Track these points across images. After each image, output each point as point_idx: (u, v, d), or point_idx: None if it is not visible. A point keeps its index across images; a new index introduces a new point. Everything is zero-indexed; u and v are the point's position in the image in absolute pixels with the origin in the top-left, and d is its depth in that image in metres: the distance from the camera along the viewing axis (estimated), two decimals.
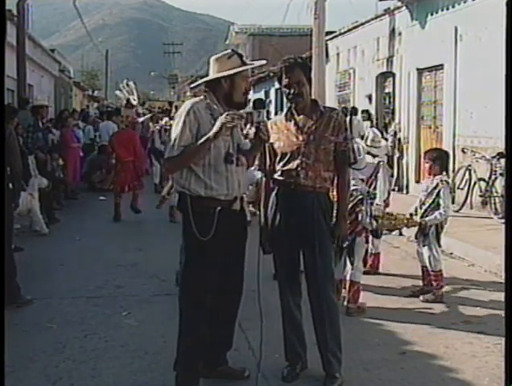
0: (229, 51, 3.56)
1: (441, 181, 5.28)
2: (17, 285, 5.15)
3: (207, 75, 3.59)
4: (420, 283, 5.57)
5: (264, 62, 3.99)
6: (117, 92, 14.38)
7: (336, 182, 3.71)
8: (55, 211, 9.65)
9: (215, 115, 3.38)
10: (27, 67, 15.51)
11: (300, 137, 3.58)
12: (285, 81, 3.59)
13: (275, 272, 3.76)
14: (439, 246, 5.44)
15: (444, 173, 5.39)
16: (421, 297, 5.30)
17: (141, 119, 13.90)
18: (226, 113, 3.28)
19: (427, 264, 5.35)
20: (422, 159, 11.50)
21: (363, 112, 14.03)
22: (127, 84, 13.67)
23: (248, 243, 3.61)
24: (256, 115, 3.46)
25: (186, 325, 3.42)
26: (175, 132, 3.33)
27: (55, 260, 6.91)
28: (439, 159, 5.33)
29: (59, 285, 5.84)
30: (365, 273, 5.99)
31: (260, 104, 10.48)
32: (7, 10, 13.21)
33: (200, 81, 3.59)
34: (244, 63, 3.48)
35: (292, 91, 3.56)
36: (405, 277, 6.08)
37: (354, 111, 13.62)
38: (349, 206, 4.52)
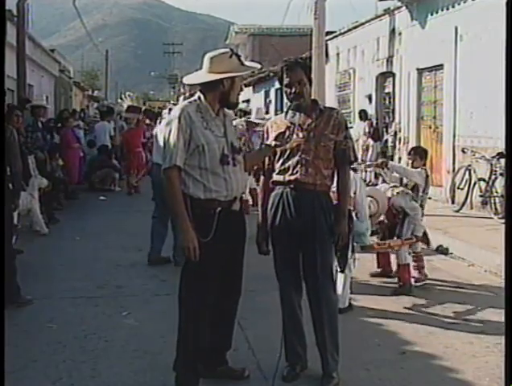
0: (227, 50, 3.52)
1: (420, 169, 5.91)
2: (17, 285, 5.15)
3: None
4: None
5: (259, 66, 3.99)
6: (120, 101, 15.21)
7: (336, 180, 3.70)
8: (55, 211, 9.65)
9: (206, 117, 3.37)
10: (27, 67, 15.50)
11: (300, 134, 3.58)
12: (286, 80, 3.60)
13: (276, 271, 3.75)
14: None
15: (423, 166, 5.99)
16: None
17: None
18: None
19: None
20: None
21: (360, 112, 14.00)
22: (127, 96, 15.69)
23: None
24: (291, 115, 3.50)
25: (186, 325, 3.41)
26: (171, 140, 3.27)
27: (55, 260, 6.91)
28: (418, 154, 6.00)
29: (59, 285, 5.84)
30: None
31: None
32: (7, 10, 13.20)
33: (202, 80, 3.43)
34: (242, 63, 3.46)
35: (293, 90, 3.57)
36: None
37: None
38: None
